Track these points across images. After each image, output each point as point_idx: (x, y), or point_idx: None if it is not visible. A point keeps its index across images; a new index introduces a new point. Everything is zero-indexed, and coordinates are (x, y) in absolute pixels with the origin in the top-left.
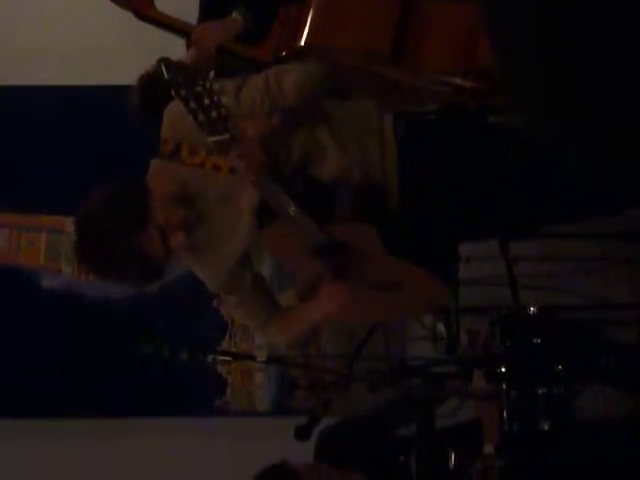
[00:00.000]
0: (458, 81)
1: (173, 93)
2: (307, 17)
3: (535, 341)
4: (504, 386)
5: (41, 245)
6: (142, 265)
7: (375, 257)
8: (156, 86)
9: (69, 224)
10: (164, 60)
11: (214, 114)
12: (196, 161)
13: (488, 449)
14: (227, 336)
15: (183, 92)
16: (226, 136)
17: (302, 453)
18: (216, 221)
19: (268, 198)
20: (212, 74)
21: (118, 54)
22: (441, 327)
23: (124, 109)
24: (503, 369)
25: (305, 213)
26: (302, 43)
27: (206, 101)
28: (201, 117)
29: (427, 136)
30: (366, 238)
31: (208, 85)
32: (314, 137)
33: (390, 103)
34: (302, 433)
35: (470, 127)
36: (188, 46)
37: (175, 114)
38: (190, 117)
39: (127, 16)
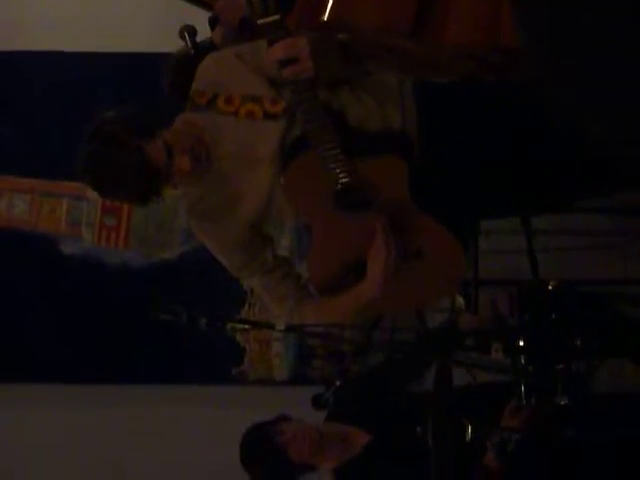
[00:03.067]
0: (481, 55)
1: None
2: None
3: (554, 315)
4: (522, 360)
5: (62, 211)
6: (143, 172)
7: (398, 205)
8: (185, 64)
9: (90, 191)
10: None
11: None
12: (231, 109)
13: None
14: (246, 305)
15: None
16: (276, 17)
17: (319, 422)
18: (229, 182)
19: (305, 119)
20: None
21: (141, 23)
22: (460, 299)
23: (145, 76)
24: (521, 343)
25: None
26: (325, 18)
27: None
28: None
29: (448, 104)
30: (393, 173)
31: None
32: (337, 96)
33: (410, 75)
34: (319, 402)
35: (490, 98)
36: (212, 21)
37: (212, 64)
38: None
39: None
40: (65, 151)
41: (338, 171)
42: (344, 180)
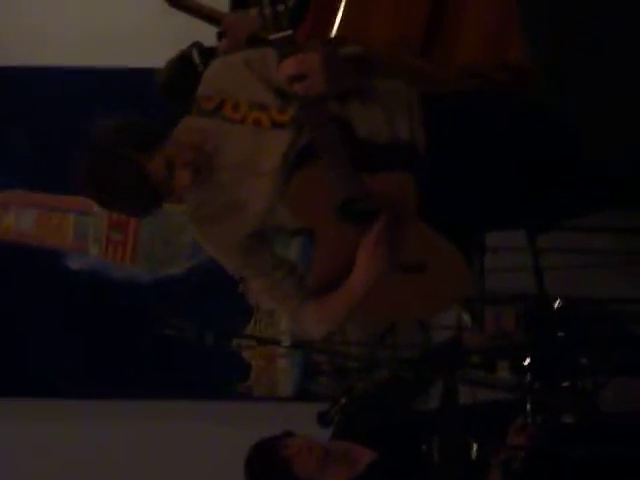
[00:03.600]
0: (488, 73)
1: None
2: (339, 8)
3: (560, 333)
4: (528, 378)
5: (69, 226)
6: (142, 189)
7: (405, 221)
8: (184, 68)
9: (97, 206)
10: (197, 45)
11: (280, 7)
12: (237, 117)
13: None
14: (252, 322)
15: None
16: (288, 32)
17: (324, 439)
18: (228, 191)
19: (313, 131)
20: None
21: (148, 38)
22: (466, 317)
23: (154, 91)
24: (527, 361)
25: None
26: (333, 34)
27: None
28: (267, 10)
29: (454, 115)
30: (402, 188)
31: None
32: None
33: (418, 89)
34: (324, 419)
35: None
36: (220, 35)
37: (221, 69)
38: (255, 10)
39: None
40: (71, 166)
41: (345, 184)
42: (350, 193)
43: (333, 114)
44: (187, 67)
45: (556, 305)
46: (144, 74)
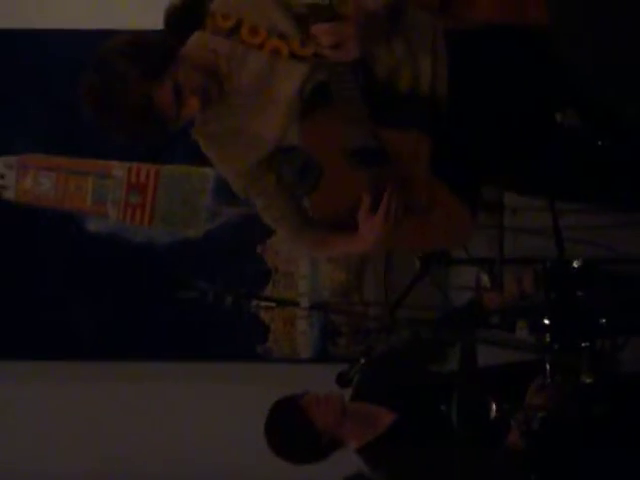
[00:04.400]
0: None
1: None
2: None
3: (579, 294)
4: (547, 338)
5: (88, 189)
6: (146, 117)
7: (415, 174)
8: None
9: (116, 168)
10: None
11: None
12: (256, 41)
13: None
14: (271, 284)
15: None
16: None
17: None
18: (237, 117)
19: (334, 81)
20: None
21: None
22: (485, 277)
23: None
24: (546, 321)
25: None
26: None
27: None
28: None
29: (480, 52)
30: (416, 148)
31: None
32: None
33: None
34: (344, 380)
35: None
36: None
37: None
38: None
39: None
40: (91, 129)
41: (358, 134)
42: (364, 140)
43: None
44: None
45: (575, 265)
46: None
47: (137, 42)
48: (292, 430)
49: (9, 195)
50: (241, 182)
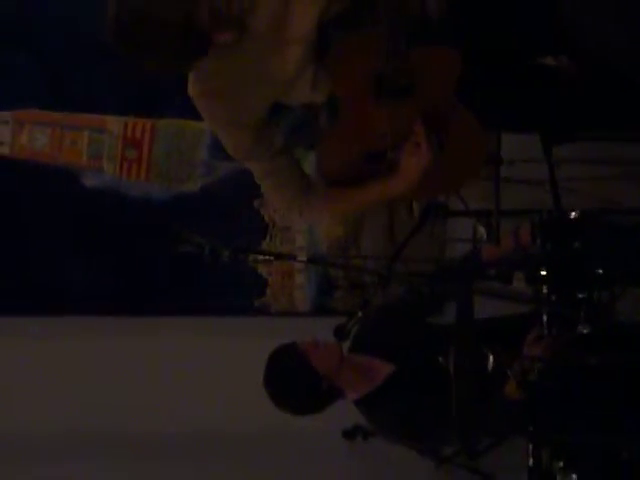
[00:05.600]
0: None
1: None
2: None
3: (576, 245)
4: (544, 289)
5: (83, 144)
6: (185, 34)
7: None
8: None
9: (111, 123)
10: None
11: None
12: None
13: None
14: (267, 238)
15: None
16: None
17: None
18: (252, 61)
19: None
20: None
21: None
22: (481, 229)
23: None
24: (543, 272)
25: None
26: None
27: None
28: None
29: None
30: (447, 65)
31: None
32: None
33: None
34: (342, 333)
35: None
36: None
37: None
38: None
39: None
40: (86, 84)
41: (389, 54)
42: (392, 64)
43: None
44: None
45: (572, 216)
46: None
47: None
48: (292, 373)
49: (4, 151)
50: (246, 141)
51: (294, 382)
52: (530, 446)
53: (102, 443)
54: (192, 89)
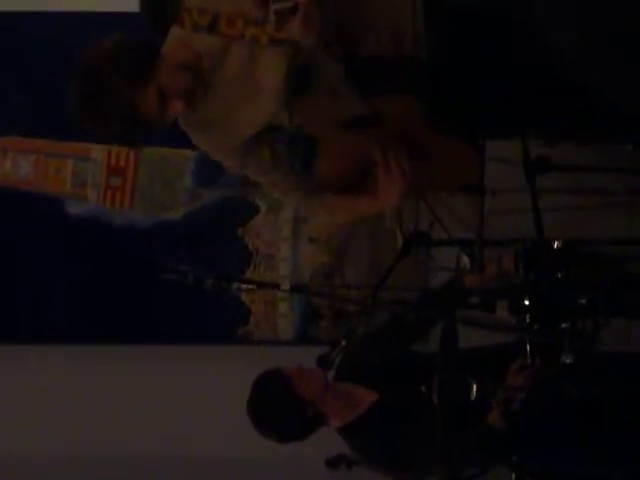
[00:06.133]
0: None
1: None
2: None
3: (559, 274)
4: (527, 319)
5: (67, 172)
6: (132, 121)
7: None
8: None
9: (95, 151)
10: None
11: None
12: (235, 33)
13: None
14: (252, 266)
15: None
16: (289, 4)
17: None
18: (224, 107)
19: (316, 66)
20: None
21: None
22: (465, 258)
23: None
24: (527, 301)
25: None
26: None
27: None
28: None
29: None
30: (406, 109)
31: None
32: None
33: None
34: (325, 362)
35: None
36: None
37: None
38: None
39: None
40: (68, 107)
41: (348, 104)
42: (354, 111)
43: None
44: None
45: (555, 246)
46: (143, 19)
47: (120, 47)
48: (277, 398)
49: None
50: (235, 163)
51: (279, 407)
52: (513, 475)
53: (81, 468)
54: (180, 120)
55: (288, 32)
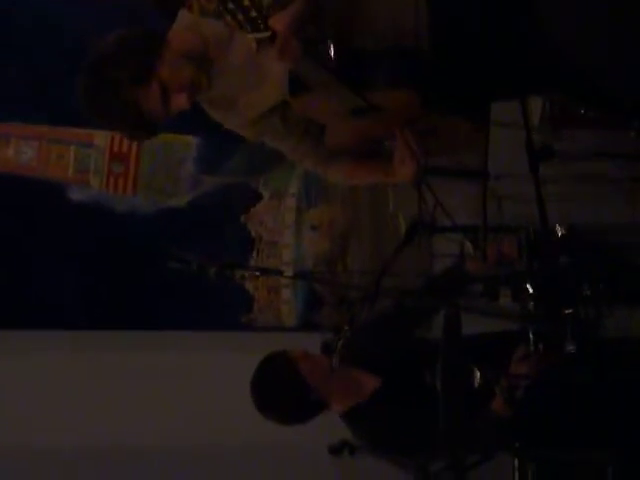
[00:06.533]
0: None
1: None
2: None
3: (562, 261)
4: (531, 306)
5: (70, 158)
6: (134, 119)
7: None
8: None
9: (98, 137)
10: None
11: (253, 13)
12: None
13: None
14: (255, 253)
15: None
16: (267, 34)
17: None
18: (236, 86)
19: (307, 76)
20: None
21: None
22: (468, 245)
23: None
24: (530, 289)
25: (344, 85)
26: None
27: (245, 2)
28: (240, 17)
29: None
30: (406, 103)
31: None
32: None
33: None
34: (328, 348)
35: None
36: None
37: None
38: (228, 17)
39: None
40: (73, 98)
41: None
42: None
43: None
44: None
45: (559, 232)
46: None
47: (123, 42)
48: (282, 379)
49: None
50: (250, 133)
51: (283, 388)
52: (516, 462)
53: (85, 456)
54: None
55: (271, 57)
